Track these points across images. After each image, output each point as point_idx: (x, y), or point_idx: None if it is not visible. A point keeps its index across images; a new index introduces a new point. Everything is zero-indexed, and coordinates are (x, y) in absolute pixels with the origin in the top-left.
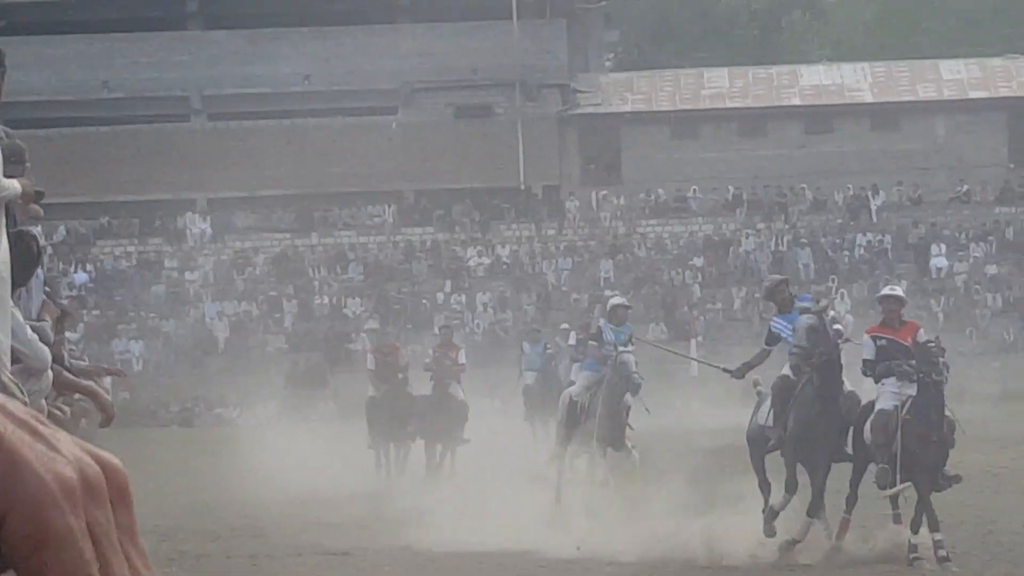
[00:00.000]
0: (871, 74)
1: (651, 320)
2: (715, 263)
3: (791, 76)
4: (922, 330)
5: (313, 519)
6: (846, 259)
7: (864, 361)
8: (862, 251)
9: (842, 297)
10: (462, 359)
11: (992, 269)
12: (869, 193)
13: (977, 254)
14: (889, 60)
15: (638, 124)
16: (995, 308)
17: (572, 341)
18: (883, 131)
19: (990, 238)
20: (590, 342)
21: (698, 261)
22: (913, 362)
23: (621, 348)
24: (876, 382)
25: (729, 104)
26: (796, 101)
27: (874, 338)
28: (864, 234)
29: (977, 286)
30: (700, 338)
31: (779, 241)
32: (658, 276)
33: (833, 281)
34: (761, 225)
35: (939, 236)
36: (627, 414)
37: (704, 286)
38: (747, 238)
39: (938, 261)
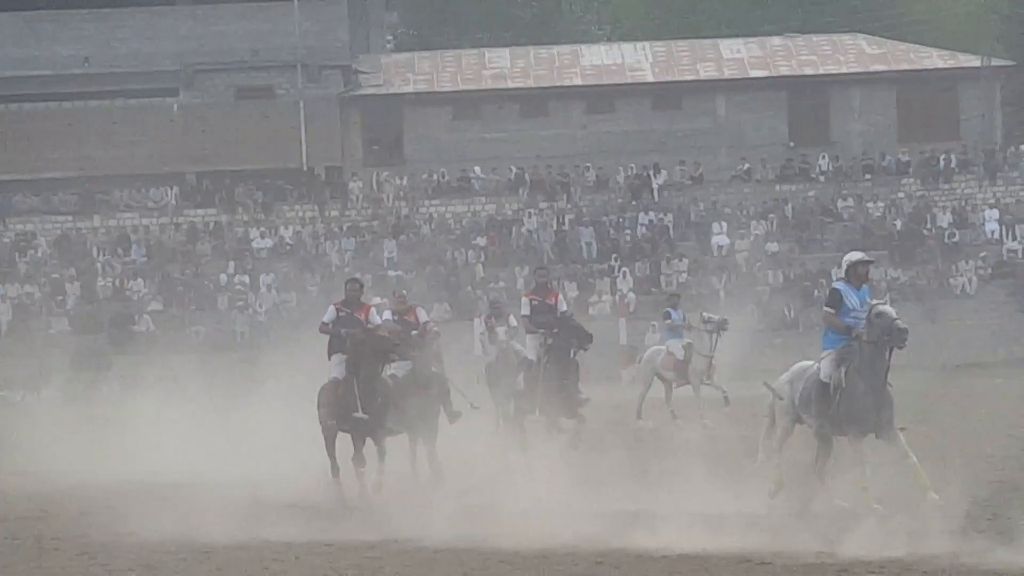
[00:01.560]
0: (652, 53)
1: (435, 300)
2: (498, 243)
3: (572, 56)
4: None
5: (102, 503)
6: (628, 238)
7: None
8: (644, 230)
9: (624, 276)
10: (423, 316)
11: (773, 247)
12: (651, 172)
13: (758, 232)
14: (669, 39)
15: (420, 105)
16: (776, 285)
17: (526, 311)
18: (664, 110)
19: (771, 216)
20: (825, 308)
21: (481, 241)
22: None
23: (874, 301)
24: None
25: (511, 84)
26: (577, 81)
27: None
28: (646, 213)
29: (758, 264)
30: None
31: (561, 220)
32: (441, 256)
33: (615, 260)
34: (543, 205)
35: (720, 214)
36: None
37: (487, 265)
38: (529, 218)
39: (719, 239)
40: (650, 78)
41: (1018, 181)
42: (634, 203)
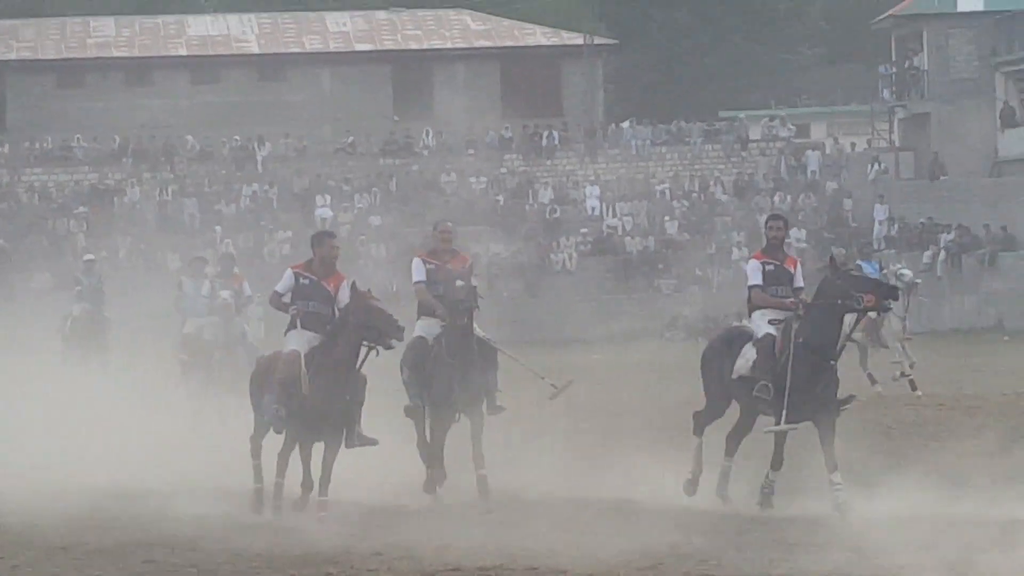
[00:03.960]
0: (257, 25)
1: (36, 269)
2: (100, 212)
3: (177, 26)
4: None
5: None
6: (232, 209)
7: None
8: (248, 201)
9: (227, 247)
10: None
11: (376, 220)
12: (255, 144)
13: (361, 205)
14: (275, 12)
15: (23, 72)
16: (379, 258)
17: (419, 275)
18: (269, 82)
19: (374, 189)
20: None
21: (83, 210)
22: None
23: None
24: None
25: (115, 53)
26: (182, 51)
27: None
28: (250, 185)
29: (362, 236)
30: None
31: (164, 191)
32: (43, 225)
33: (218, 231)
34: (147, 175)
35: (324, 187)
36: None
37: (89, 235)
38: (133, 188)
39: (323, 212)
40: (256, 49)
41: (618, 159)
42: (238, 174)
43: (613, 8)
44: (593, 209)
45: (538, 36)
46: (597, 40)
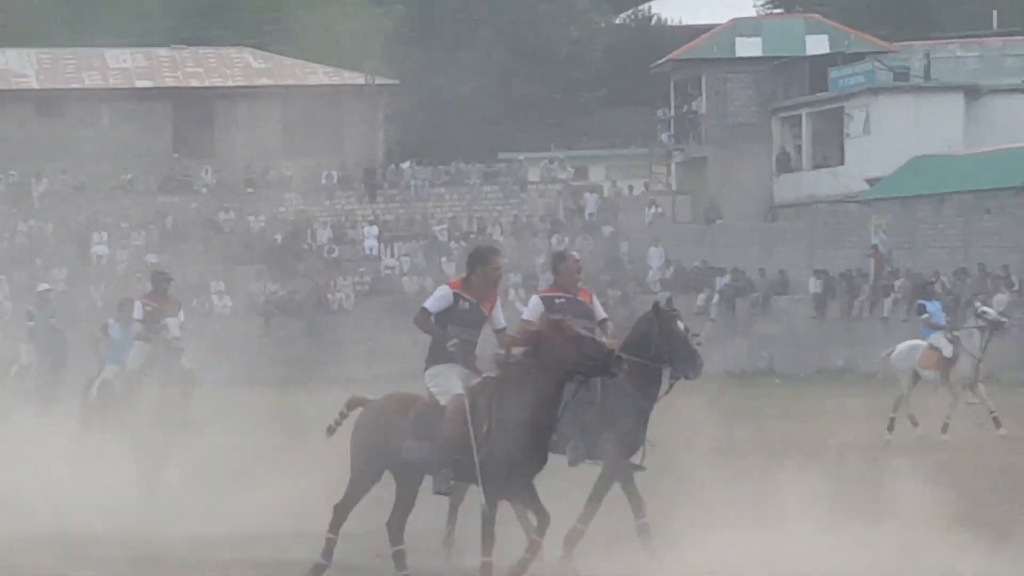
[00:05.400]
0: (37, 60)
1: None
2: None
3: None
4: None
5: None
6: (7, 246)
7: None
8: (23, 238)
9: (1, 284)
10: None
11: (153, 257)
12: (32, 180)
13: (138, 242)
14: (55, 47)
15: None
16: (144, 291)
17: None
18: (48, 118)
19: (151, 226)
20: None
21: None
22: None
23: None
24: None
25: None
26: None
27: None
28: (26, 221)
29: (138, 274)
30: None
31: None
32: None
33: None
34: None
35: (101, 224)
36: None
37: None
38: None
39: (99, 249)
40: (34, 85)
41: (397, 199)
42: (14, 210)
43: (395, 48)
44: (371, 249)
45: (319, 75)
46: (379, 80)
